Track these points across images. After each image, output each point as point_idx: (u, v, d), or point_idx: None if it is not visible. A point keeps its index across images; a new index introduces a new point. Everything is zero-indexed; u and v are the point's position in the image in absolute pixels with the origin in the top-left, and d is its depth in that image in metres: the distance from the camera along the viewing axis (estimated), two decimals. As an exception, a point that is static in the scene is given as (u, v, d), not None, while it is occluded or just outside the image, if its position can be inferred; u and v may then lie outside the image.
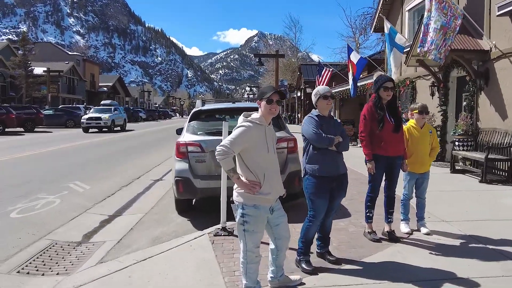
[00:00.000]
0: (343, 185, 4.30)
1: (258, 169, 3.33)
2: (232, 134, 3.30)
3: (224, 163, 3.25)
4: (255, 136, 3.31)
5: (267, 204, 3.37)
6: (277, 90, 3.43)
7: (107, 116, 28.42)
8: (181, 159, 6.08)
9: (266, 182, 3.33)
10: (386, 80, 4.93)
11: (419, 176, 5.41)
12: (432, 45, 9.03)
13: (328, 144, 4.11)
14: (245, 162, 3.35)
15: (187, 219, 6.60)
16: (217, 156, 3.26)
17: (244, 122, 3.35)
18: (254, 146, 3.32)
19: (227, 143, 3.24)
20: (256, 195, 3.30)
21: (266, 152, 3.37)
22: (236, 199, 3.38)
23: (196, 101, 7.36)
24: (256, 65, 28.22)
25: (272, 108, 3.39)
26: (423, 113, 5.31)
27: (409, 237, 5.21)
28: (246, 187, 3.29)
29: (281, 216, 3.51)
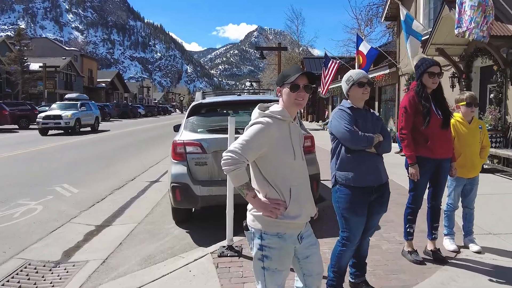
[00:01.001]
0: (384, 197, 3.33)
1: (282, 183, 2.37)
2: (244, 135, 2.34)
3: (235, 177, 2.29)
4: (276, 137, 2.35)
5: (295, 231, 2.41)
6: (304, 72, 2.43)
7: (70, 114, 22.28)
8: (179, 162, 5.12)
9: (294, 201, 2.37)
10: (431, 64, 3.94)
11: (467, 182, 4.46)
12: (472, 23, 8.01)
13: (366, 145, 3.15)
14: (263, 173, 2.39)
15: (186, 231, 5.63)
16: (224, 166, 2.29)
17: (261, 118, 2.38)
18: (275, 150, 2.35)
19: (238, 147, 2.28)
20: (281, 219, 2.34)
21: (292, 159, 2.40)
22: (251, 225, 2.41)
23: (195, 94, 6.31)
24: (257, 59, 27.13)
25: (298, 97, 2.41)
26: (472, 106, 4.33)
27: (457, 257, 4.26)
28: (266, 209, 2.32)
29: (312, 245, 2.53)
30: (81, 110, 23.83)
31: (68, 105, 23.89)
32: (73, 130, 22.31)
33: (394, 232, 4.96)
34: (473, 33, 8.03)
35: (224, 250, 4.26)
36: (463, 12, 8.30)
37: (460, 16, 8.40)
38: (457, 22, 8.48)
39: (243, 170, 2.27)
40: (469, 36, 8.11)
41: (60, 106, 23.72)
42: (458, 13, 8.48)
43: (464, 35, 8.15)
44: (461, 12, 8.35)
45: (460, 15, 8.38)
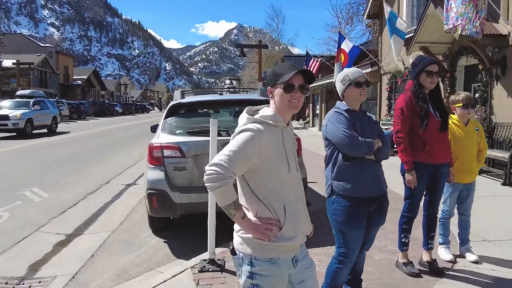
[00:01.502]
0: (383, 208, 3.04)
1: (275, 199, 2.02)
2: (231, 145, 1.99)
3: (220, 194, 1.94)
4: (268, 146, 2.00)
5: (290, 255, 2.08)
6: (300, 69, 2.08)
7: (19, 114, 18.80)
8: (155, 166, 4.72)
9: (289, 219, 2.03)
10: (429, 63, 3.67)
11: (463, 188, 4.20)
12: (464, 19, 7.80)
13: (367, 151, 2.84)
14: (253, 188, 2.04)
15: (164, 240, 5.24)
16: (207, 183, 1.93)
17: (250, 124, 2.03)
18: (267, 162, 2.01)
19: (224, 160, 1.92)
20: (274, 242, 1.99)
21: (287, 171, 2.06)
22: (239, 249, 2.06)
23: (174, 92, 5.87)
24: (237, 56, 26.68)
25: (293, 99, 2.05)
26: (468, 107, 4.07)
27: (455, 268, 4.01)
28: (257, 230, 1.97)
29: (307, 267, 2.19)
30: (34, 109, 20.33)
31: (20, 103, 20.43)
32: (22, 132, 18.91)
33: (386, 241, 4.69)
34: (466, 29, 7.84)
35: (206, 265, 3.90)
36: (449, 9, 8.10)
37: (447, 13, 8.21)
38: (445, 19, 8.29)
39: (230, 186, 1.92)
40: (462, 31, 7.91)
41: (10, 105, 20.29)
42: (445, 9, 8.28)
43: (457, 31, 7.94)
44: (448, 9, 8.16)
45: (447, 12, 8.19)
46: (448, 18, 8.15)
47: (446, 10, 8.21)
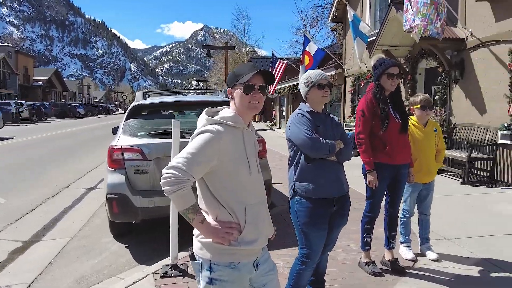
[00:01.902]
0: (345, 209, 3.06)
1: (236, 202, 1.98)
2: (190, 147, 1.93)
3: (178, 198, 1.88)
4: (228, 148, 1.96)
5: (251, 259, 2.04)
6: (260, 69, 2.05)
7: None
8: (116, 170, 4.58)
9: (250, 223, 1.98)
10: (390, 65, 3.71)
11: (423, 188, 4.29)
12: (426, 20, 7.99)
13: (328, 153, 2.85)
14: (212, 192, 1.99)
15: (125, 246, 5.11)
16: (164, 186, 1.87)
17: (210, 125, 1.99)
18: (227, 164, 1.96)
19: (182, 163, 1.86)
20: (234, 246, 1.95)
21: (248, 173, 2.02)
22: (199, 254, 2.00)
23: (136, 93, 5.73)
24: (204, 58, 26.49)
25: (253, 100, 2.02)
26: (426, 109, 4.16)
27: (415, 266, 4.09)
28: (217, 235, 1.93)
29: (269, 271, 2.15)
30: None
31: None
32: None
33: (349, 240, 4.73)
34: (428, 29, 8.03)
35: (168, 270, 3.81)
36: (406, 10, 8.30)
37: (405, 14, 8.40)
38: (404, 21, 8.48)
39: (188, 190, 1.86)
40: (424, 31, 8.11)
41: None
42: (404, 11, 8.47)
43: (419, 31, 8.12)
44: (406, 10, 8.35)
45: (405, 13, 8.38)
46: (406, 20, 8.35)
47: (404, 12, 8.42)
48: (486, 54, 8.45)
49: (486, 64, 8.47)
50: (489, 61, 8.39)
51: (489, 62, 8.39)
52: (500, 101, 8.06)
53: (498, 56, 8.14)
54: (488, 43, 8.38)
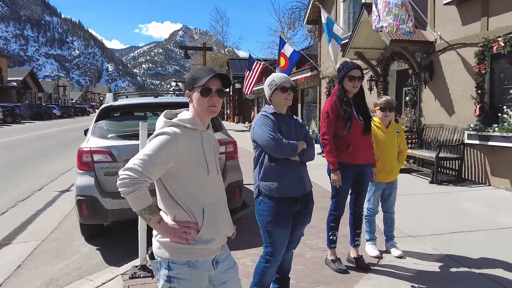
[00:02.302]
0: (308, 208, 3.14)
1: (193, 203, 2.04)
2: (146, 149, 1.97)
3: (134, 199, 1.92)
4: (186, 150, 2.00)
5: (209, 257, 2.10)
6: (217, 73, 2.11)
7: None
8: (85, 172, 4.58)
9: (208, 222, 2.04)
10: (351, 68, 3.83)
11: (386, 187, 4.43)
12: (398, 19, 8.19)
13: (291, 153, 2.94)
14: (170, 192, 2.04)
15: (97, 248, 5.10)
16: (120, 188, 1.91)
17: (167, 127, 2.03)
18: (185, 165, 2.01)
19: (138, 164, 1.91)
20: (192, 245, 2.00)
21: (206, 174, 2.08)
22: (157, 253, 2.06)
23: (106, 95, 5.72)
24: (182, 58, 26.42)
25: (210, 103, 2.08)
26: (386, 110, 4.29)
27: (380, 263, 4.21)
28: (175, 234, 1.98)
29: (229, 269, 2.22)
30: None
31: None
32: None
33: (317, 239, 4.84)
34: (401, 28, 8.22)
35: (137, 271, 3.84)
36: (374, 12, 8.49)
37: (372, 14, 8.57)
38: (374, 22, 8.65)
39: (144, 191, 1.91)
40: (397, 30, 8.30)
41: None
42: (372, 12, 8.64)
43: (392, 30, 8.30)
44: (374, 12, 8.53)
45: (372, 14, 8.55)
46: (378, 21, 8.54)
47: (372, 12, 8.60)
48: (454, 56, 8.71)
49: (454, 66, 8.73)
50: (456, 63, 8.65)
51: (456, 64, 8.65)
52: (467, 102, 8.32)
53: (465, 59, 8.40)
54: (455, 46, 8.64)
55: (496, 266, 4.07)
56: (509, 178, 7.40)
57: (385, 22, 8.24)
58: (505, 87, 7.65)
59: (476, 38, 8.00)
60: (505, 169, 7.48)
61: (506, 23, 7.43)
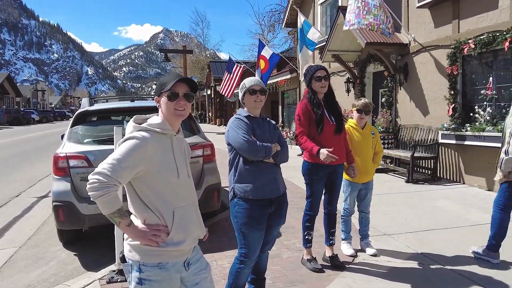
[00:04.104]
0: (283, 209, 3.21)
1: (163, 206, 2.08)
2: (115, 153, 2.00)
3: (103, 203, 1.95)
4: (155, 154, 2.05)
5: (180, 259, 2.14)
6: (183, 77, 2.17)
7: None
8: (61, 177, 4.57)
9: (178, 225, 2.09)
10: (317, 69, 3.94)
11: (362, 187, 4.53)
12: (378, 19, 8.34)
13: (264, 155, 3.00)
14: (140, 196, 2.08)
15: (74, 253, 5.08)
16: (90, 192, 1.95)
17: (136, 132, 2.07)
18: (154, 169, 2.05)
19: (107, 168, 1.95)
20: (162, 247, 2.05)
21: (176, 177, 2.12)
22: (128, 256, 2.09)
23: (82, 100, 5.69)
24: (163, 61, 26.30)
25: (178, 107, 2.13)
26: (362, 112, 4.39)
27: (355, 261, 4.31)
28: (145, 237, 2.02)
29: (201, 270, 2.27)
30: None
31: None
32: None
33: (294, 239, 4.92)
34: (381, 28, 8.38)
35: (114, 275, 3.85)
36: (350, 11, 8.62)
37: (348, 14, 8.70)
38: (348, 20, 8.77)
39: (113, 195, 1.95)
40: (377, 29, 8.46)
41: None
42: (348, 11, 8.76)
43: (372, 28, 8.43)
44: (350, 11, 8.66)
45: (348, 14, 8.68)
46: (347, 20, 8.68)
47: (348, 12, 8.72)
48: (427, 58, 8.92)
49: (427, 68, 8.94)
50: (430, 65, 8.86)
51: (430, 66, 8.86)
52: (441, 103, 8.53)
53: (438, 60, 8.62)
54: (429, 47, 8.85)
55: (467, 262, 4.20)
56: (482, 176, 7.62)
57: (366, 21, 8.38)
58: (476, 87, 7.88)
59: (448, 40, 8.21)
60: (478, 168, 7.69)
61: (476, 26, 7.65)
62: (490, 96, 7.40)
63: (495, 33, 7.13)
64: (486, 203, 6.61)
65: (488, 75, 7.50)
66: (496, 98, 7.40)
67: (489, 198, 7.03)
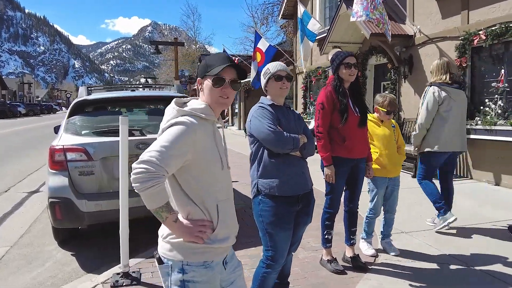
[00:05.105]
0: (310, 206, 2.92)
1: (208, 199, 1.85)
2: (163, 140, 1.74)
3: (151, 196, 1.69)
4: (202, 141, 1.82)
5: (222, 257, 1.93)
6: (233, 63, 1.92)
7: None
8: (58, 172, 4.19)
9: (222, 220, 1.87)
10: (347, 55, 3.65)
11: (389, 183, 4.20)
12: (382, 18, 8.11)
13: (292, 147, 2.70)
14: (184, 188, 1.84)
15: (71, 253, 4.72)
16: (136, 183, 1.68)
17: (182, 117, 1.81)
18: (201, 159, 1.82)
19: (156, 156, 1.69)
20: (208, 244, 1.82)
21: (220, 167, 1.90)
22: (168, 256, 1.83)
23: (79, 89, 5.31)
24: (152, 54, 25.75)
25: (223, 95, 1.89)
26: (391, 114, 4.13)
27: (377, 262, 4.03)
28: (191, 234, 1.78)
29: (236, 267, 2.05)
30: None
31: None
32: None
33: (308, 237, 4.61)
34: (385, 28, 8.17)
35: (119, 279, 3.51)
36: (357, 2, 8.31)
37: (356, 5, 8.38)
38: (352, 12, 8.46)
39: (162, 186, 1.71)
40: (381, 28, 8.24)
41: None
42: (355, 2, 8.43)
43: (378, 24, 8.17)
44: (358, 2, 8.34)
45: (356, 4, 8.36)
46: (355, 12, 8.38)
47: (355, 3, 8.40)
48: (433, 50, 8.67)
49: (433, 60, 8.64)
50: (436, 57, 8.57)
51: (436, 58, 8.57)
52: (447, 96, 8.28)
53: (445, 52, 8.37)
54: (435, 39, 8.60)
55: (492, 261, 3.96)
56: (491, 171, 7.40)
57: (374, 16, 8.11)
58: (486, 80, 7.64)
59: (457, 32, 7.96)
60: (487, 163, 7.48)
61: (487, 16, 7.41)
62: (502, 89, 7.17)
63: (508, 24, 6.89)
64: (499, 199, 6.41)
65: (499, 67, 7.27)
66: (507, 91, 7.17)
67: (500, 193, 6.83)
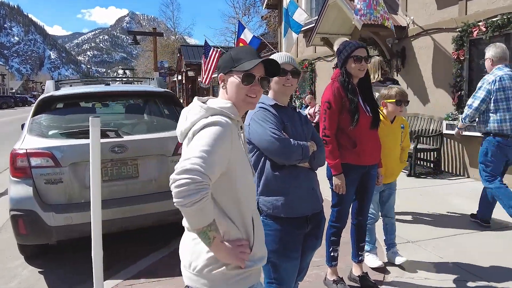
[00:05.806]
0: (321, 227, 2.44)
1: (242, 212, 1.62)
2: (201, 144, 1.47)
3: (200, 212, 1.41)
4: (236, 145, 1.59)
5: (259, 277, 1.72)
6: (266, 59, 1.69)
7: None
8: (21, 180, 3.61)
9: (257, 235, 1.66)
10: (356, 47, 3.15)
11: (385, 187, 3.81)
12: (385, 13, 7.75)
13: (301, 157, 2.21)
14: (218, 201, 1.59)
15: (40, 270, 4.14)
16: (179, 197, 1.37)
17: (215, 117, 1.57)
18: (236, 164, 1.60)
19: (199, 163, 1.41)
20: (250, 266, 1.60)
21: (251, 173, 1.71)
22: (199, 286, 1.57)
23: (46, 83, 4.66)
24: (130, 44, 24.88)
25: (251, 93, 1.67)
26: (401, 103, 3.64)
27: (387, 279, 3.62)
28: (235, 256, 1.54)
29: None
30: None
31: None
32: None
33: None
34: (389, 24, 7.87)
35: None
36: None
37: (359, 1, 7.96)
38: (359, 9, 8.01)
39: (210, 200, 1.43)
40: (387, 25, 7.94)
41: None
42: None
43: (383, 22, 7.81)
44: None
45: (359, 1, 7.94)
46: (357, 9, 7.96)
47: None
48: (428, 42, 8.27)
49: (428, 53, 8.30)
50: (431, 49, 8.22)
51: (431, 50, 8.22)
52: (443, 91, 7.94)
53: (441, 45, 7.99)
54: (430, 31, 8.20)
55: (510, 275, 3.59)
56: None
57: (378, 13, 7.73)
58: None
59: (454, 23, 7.57)
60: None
61: (486, 7, 7.04)
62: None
63: (509, 15, 6.53)
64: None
65: (499, 61, 6.90)
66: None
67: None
